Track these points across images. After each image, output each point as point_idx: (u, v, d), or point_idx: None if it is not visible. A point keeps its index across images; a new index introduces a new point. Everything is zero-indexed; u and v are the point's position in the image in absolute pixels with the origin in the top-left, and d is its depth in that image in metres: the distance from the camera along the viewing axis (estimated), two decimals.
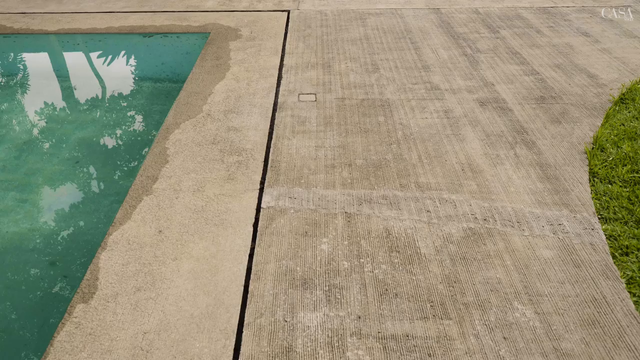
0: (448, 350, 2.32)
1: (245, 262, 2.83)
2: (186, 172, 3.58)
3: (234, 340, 2.40)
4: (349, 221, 3.11)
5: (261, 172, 3.58)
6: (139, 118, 4.81)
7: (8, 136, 4.57)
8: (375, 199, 3.29)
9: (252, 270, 2.77)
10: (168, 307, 2.56)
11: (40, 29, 6.32)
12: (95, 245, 3.03)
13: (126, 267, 2.80)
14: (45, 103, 5.14)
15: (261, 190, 3.41)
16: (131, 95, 5.26)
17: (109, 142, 4.46)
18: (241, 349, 2.35)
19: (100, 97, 5.31)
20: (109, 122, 4.76)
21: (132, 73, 5.77)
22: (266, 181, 3.48)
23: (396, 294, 2.61)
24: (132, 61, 6.01)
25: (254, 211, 3.21)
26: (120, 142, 4.43)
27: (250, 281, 2.71)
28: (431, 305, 2.55)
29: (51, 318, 2.75)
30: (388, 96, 4.57)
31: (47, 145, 4.42)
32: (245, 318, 2.50)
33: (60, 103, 5.20)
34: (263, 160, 3.71)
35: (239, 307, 2.56)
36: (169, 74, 5.55)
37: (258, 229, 3.06)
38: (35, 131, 4.66)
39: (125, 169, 4.05)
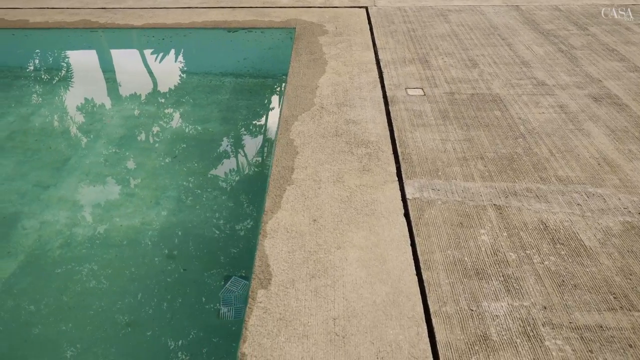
0: None
1: (409, 252, 2.83)
2: (320, 163, 3.60)
3: (426, 327, 2.40)
4: (500, 213, 3.10)
5: (394, 164, 3.59)
6: (251, 110, 4.85)
7: (116, 132, 4.64)
8: (520, 192, 3.27)
9: (420, 260, 2.77)
10: (348, 294, 2.57)
11: (125, 23, 6.41)
12: (254, 233, 3.06)
13: (293, 255, 2.82)
14: (159, 96, 5.22)
15: (400, 181, 3.41)
16: (234, 87, 5.31)
17: (230, 134, 4.50)
18: (436, 336, 2.36)
19: (205, 90, 5.37)
20: (221, 114, 4.80)
21: (228, 67, 5.83)
22: (402, 173, 3.48)
23: (575, 285, 2.59)
24: (225, 55, 6.07)
25: (400, 202, 3.22)
26: (242, 134, 4.47)
27: (422, 270, 2.71)
28: (614, 297, 2.53)
29: (231, 301, 2.79)
30: (497, 91, 4.55)
31: (162, 138, 4.48)
32: (430, 306, 2.50)
33: (169, 97, 5.27)
34: (392, 152, 3.71)
35: (419, 296, 2.56)
36: (265, 68, 5.59)
37: (411, 219, 3.07)
38: (142, 124, 4.72)
39: (254, 160, 4.09)
